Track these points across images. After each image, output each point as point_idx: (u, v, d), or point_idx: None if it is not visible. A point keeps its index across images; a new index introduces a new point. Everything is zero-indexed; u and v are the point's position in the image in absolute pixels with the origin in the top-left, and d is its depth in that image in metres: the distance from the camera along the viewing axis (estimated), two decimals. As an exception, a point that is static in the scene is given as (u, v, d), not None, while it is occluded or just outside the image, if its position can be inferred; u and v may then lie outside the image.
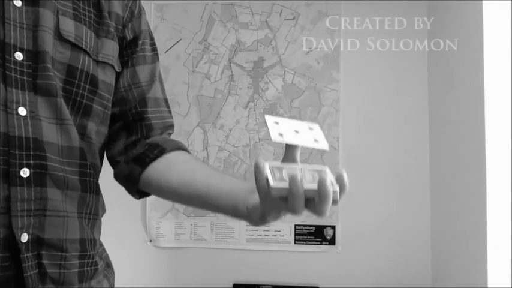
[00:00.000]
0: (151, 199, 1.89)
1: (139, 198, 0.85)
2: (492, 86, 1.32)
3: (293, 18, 1.90)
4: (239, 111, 1.90)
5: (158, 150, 0.79)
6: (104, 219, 0.78)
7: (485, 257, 1.30)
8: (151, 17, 1.94)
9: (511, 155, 1.28)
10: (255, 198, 0.62)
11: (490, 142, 1.31)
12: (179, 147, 0.82)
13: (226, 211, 0.71)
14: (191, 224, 1.89)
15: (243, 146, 1.89)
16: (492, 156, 1.31)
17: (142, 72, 0.82)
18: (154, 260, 1.91)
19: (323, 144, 0.62)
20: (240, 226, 1.88)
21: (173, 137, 0.84)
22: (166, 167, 0.78)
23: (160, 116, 0.83)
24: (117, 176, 0.84)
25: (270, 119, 0.62)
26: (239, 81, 1.91)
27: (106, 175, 0.85)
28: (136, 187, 0.82)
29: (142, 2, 0.86)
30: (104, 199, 0.84)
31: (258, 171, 0.55)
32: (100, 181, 0.84)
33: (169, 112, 0.86)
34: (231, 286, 1.85)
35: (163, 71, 1.93)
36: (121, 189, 0.88)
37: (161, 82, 0.86)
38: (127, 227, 1.91)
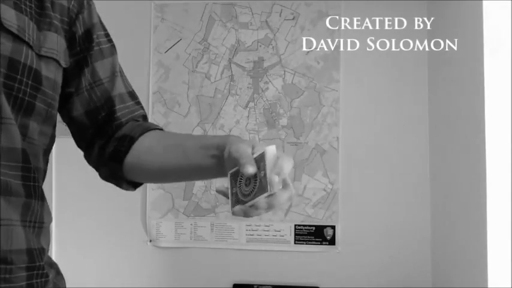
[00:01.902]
0: (152, 199, 1.89)
1: (134, 189, 0.82)
2: (492, 86, 1.32)
3: (293, 18, 1.90)
4: (239, 111, 1.90)
5: (127, 141, 0.76)
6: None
7: (485, 257, 1.30)
8: (151, 17, 1.94)
9: (511, 155, 1.28)
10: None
11: (490, 142, 1.31)
12: (146, 128, 0.79)
13: (198, 179, 0.75)
14: (191, 224, 1.89)
15: (243, 146, 1.89)
16: (492, 156, 1.31)
17: (102, 67, 0.78)
18: (154, 260, 1.91)
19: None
20: (240, 226, 1.88)
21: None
22: (137, 153, 0.76)
23: (129, 111, 0.80)
24: (104, 178, 0.82)
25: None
26: (239, 81, 1.91)
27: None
28: (124, 181, 0.79)
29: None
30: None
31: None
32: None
33: (138, 103, 0.83)
34: (231, 286, 1.85)
35: (164, 71, 1.93)
36: (121, 189, 0.87)
37: (122, 75, 0.82)
38: (127, 227, 1.91)
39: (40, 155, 0.70)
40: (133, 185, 0.81)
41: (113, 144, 0.77)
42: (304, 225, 1.85)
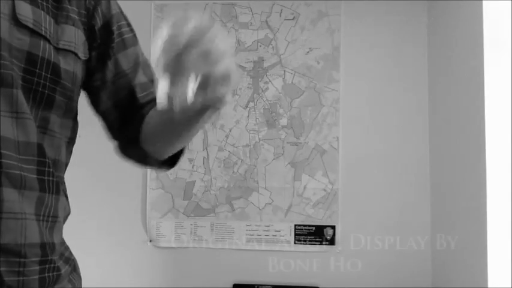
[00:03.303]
0: (152, 199, 1.89)
1: (169, 167, 0.83)
2: (492, 86, 1.32)
3: (293, 18, 1.90)
4: (239, 111, 1.90)
5: (138, 120, 0.77)
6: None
7: (485, 257, 1.30)
8: (151, 17, 1.94)
9: (511, 155, 1.28)
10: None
11: (490, 142, 1.31)
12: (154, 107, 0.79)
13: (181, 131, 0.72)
14: (191, 224, 1.89)
15: (243, 146, 1.89)
16: (492, 156, 1.31)
17: (125, 58, 0.78)
18: (154, 260, 1.91)
19: None
20: (240, 226, 1.88)
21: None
22: (144, 129, 0.77)
23: (148, 92, 0.79)
24: (142, 162, 0.82)
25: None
26: (239, 81, 1.91)
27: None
28: (152, 159, 0.79)
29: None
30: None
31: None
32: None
33: None
34: (231, 286, 1.85)
35: (163, 71, 1.93)
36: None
37: (145, 62, 0.81)
38: (127, 227, 1.91)
39: (62, 148, 0.70)
40: (163, 163, 0.81)
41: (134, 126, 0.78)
42: (304, 225, 1.85)
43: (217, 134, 1.90)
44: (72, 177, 0.81)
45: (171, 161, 0.82)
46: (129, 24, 0.80)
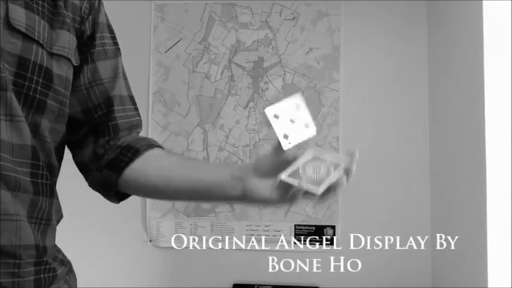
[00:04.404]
0: (152, 199, 1.89)
1: (119, 202, 0.82)
2: (492, 85, 1.32)
3: (293, 18, 1.90)
4: (239, 111, 1.90)
5: (132, 152, 0.76)
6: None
7: (485, 257, 1.30)
8: (152, 17, 1.94)
9: (511, 155, 1.28)
10: (251, 183, 0.70)
11: (490, 142, 1.31)
12: (152, 145, 0.79)
13: (212, 199, 0.75)
14: (191, 224, 1.89)
15: (243, 146, 1.89)
16: (492, 156, 1.31)
17: (104, 67, 0.77)
18: (154, 260, 1.91)
19: (312, 130, 0.71)
20: (240, 226, 1.87)
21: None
22: (143, 166, 0.76)
23: (126, 115, 0.79)
24: (92, 185, 0.80)
25: (270, 113, 0.68)
26: (239, 81, 1.91)
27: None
28: (114, 191, 0.78)
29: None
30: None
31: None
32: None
33: (136, 110, 0.82)
34: (231, 286, 1.85)
35: (164, 71, 1.93)
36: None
37: (125, 78, 0.82)
38: (127, 227, 1.91)
39: (52, 152, 0.70)
40: (120, 197, 0.81)
41: (114, 152, 0.76)
42: (304, 225, 1.85)
43: (217, 134, 1.90)
44: (73, 177, 0.81)
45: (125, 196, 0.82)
46: (113, 38, 0.80)
